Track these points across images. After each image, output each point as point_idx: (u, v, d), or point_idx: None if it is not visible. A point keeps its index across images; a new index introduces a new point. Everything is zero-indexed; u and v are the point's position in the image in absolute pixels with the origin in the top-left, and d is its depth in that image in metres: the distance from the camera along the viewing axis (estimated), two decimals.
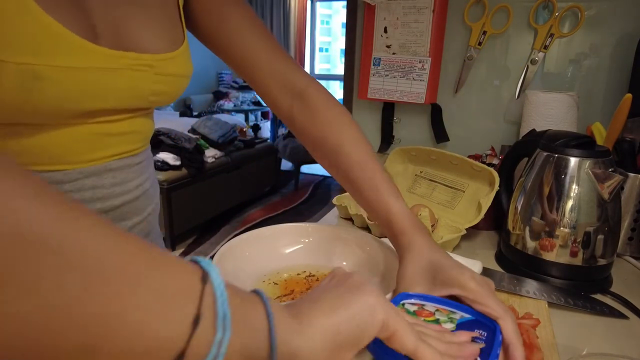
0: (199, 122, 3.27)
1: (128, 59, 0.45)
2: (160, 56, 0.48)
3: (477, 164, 0.85)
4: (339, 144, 0.56)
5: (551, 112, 0.92)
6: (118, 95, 0.46)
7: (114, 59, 0.44)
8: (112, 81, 0.44)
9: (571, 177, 0.63)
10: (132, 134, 0.52)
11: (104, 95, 0.44)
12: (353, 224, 0.88)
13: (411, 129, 1.21)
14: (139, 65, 0.46)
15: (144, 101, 0.50)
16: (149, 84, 0.48)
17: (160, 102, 0.52)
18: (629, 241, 0.76)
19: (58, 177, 0.45)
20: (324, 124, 0.57)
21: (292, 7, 5.18)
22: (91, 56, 0.41)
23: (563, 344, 0.51)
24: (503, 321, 0.41)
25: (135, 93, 0.48)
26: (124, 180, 0.51)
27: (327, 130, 0.57)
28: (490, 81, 1.09)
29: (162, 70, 0.49)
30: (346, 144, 0.56)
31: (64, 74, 0.39)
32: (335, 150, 0.56)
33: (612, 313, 0.58)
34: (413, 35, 1.07)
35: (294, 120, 0.59)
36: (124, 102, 0.47)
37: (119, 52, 0.44)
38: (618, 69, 0.97)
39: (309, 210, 3.75)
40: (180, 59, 0.52)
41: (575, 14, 0.97)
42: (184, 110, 4.85)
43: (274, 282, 0.56)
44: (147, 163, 0.57)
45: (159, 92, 0.50)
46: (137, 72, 0.46)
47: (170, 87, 0.52)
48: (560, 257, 0.65)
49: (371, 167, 0.54)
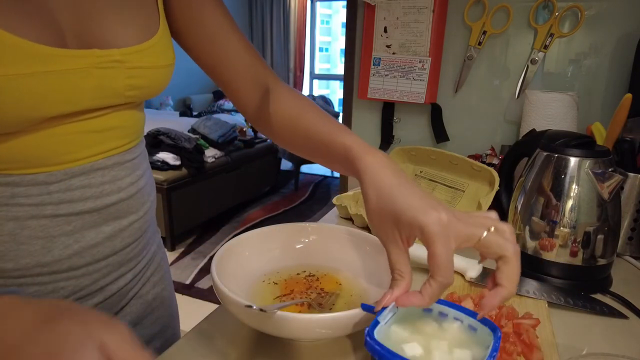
0: (198, 122, 3.27)
1: (93, 57, 0.43)
2: (131, 49, 0.47)
3: (477, 163, 0.85)
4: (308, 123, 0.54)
5: (551, 112, 0.93)
6: (88, 95, 0.44)
7: (77, 59, 0.42)
8: (80, 82, 0.43)
9: (571, 177, 0.63)
10: (117, 129, 0.50)
11: (73, 97, 0.43)
12: (353, 223, 0.88)
13: (411, 128, 1.21)
14: (107, 62, 0.45)
15: (120, 97, 0.48)
16: (122, 80, 0.47)
17: (141, 96, 0.51)
18: (628, 241, 0.76)
19: (41, 179, 0.44)
20: (291, 110, 0.57)
21: (292, 7, 5.18)
22: (51, 60, 0.40)
23: (563, 344, 0.51)
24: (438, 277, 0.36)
25: (107, 92, 0.46)
26: (114, 178, 0.50)
27: (294, 115, 0.57)
28: (490, 81, 1.09)
29: (135, 63, 0.47)
30: (314, 120, 0.54)
31: (21, 81, 0.38)
32: (305, 127, 0.55)
33: (612, 313, 0.58)
34: (413, 35, 1.07)
35: (262, 111, 0.60)
36: (96, 101, 0.46)
37: (82, 51, 0.43)
38: (618, 68, 0.97)
39: (309, 210, 3.75)
40: (154, 49, 0.50)
41: (575, 13, 0.97)
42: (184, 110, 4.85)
43: (273, 282, 0.56)
44: (140, 160, 0.56)
45: (135, 86, 0.49)
46: (105, 70, 0.45)
47: (148, 80, 0.50)
48: (560, 257, 0.65)
49: (332, 125, 0.52)
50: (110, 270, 0.53)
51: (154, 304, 0.63)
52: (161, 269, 0.66)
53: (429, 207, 0.37)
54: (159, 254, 0.66)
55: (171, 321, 0.69)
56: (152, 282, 0.63)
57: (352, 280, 0.57)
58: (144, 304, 0.61)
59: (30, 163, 0.43)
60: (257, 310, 0.40)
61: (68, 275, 0.48)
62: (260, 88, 0.61)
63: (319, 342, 0.51)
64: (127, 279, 0.56)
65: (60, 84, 0.41)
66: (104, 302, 0.54)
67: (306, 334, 0.45)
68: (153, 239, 0.63)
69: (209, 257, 2.81)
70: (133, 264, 0.57)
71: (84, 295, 0.51)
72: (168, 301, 0.67)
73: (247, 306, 0.41)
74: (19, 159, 0.43)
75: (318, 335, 0.47)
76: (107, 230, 0.50)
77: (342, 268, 0.59)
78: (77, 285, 0.50)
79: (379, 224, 0.41)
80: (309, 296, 0.53)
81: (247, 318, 0.44)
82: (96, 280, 0.51)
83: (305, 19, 5.21)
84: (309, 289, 0.55)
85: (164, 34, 0.52)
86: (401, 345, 0.38)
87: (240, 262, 0.55)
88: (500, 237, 0.38)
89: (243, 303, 0.41)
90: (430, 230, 0.36)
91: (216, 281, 0.46)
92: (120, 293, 0.56)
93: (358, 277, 0.57)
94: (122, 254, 0.53)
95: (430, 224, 0.36)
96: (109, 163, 0.50)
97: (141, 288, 0.61)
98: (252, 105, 0.61)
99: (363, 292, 0.55)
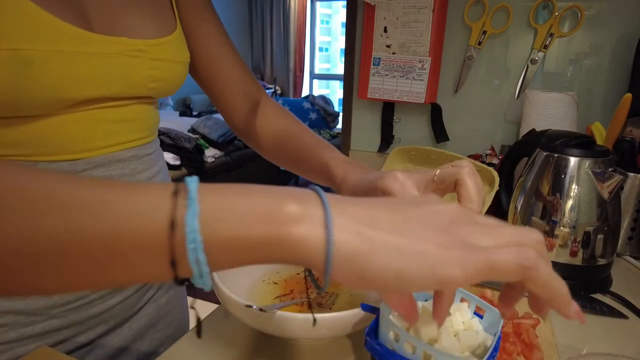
0: (198, 122, 3.27)
1: (121, 44, 0.46)
2: (153, 41, 0.49)
3: (477, 163, 0.84)
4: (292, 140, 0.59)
5: (551, 112, 0.93)
6: (115, 81, 0.46)
7: (106, 45, 0.44)
8: (107, 67, 0.45)
9: (571, 176, 0.63)
10: (135, 122, 0.52)
11: (99, 81, 0.45)
12: None
13: (411, 128, 1.21)
14: (133, 50, 0.47)
15: (143, 88, 0.50)
16: (145, 70, 0.49)
17: (160, 89, 0.52)
18: (628, 241, 0.76)
19: (65, 167, 0.45)
20: (277, 127, 0.61)
21: (292, 7, 5.18)
22: (82, 42, 0.42)
23: (563, 344, 0.51)
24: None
25: (132, 80, 0.48)
26: (133, 171, 0.52)
27: (280, 131, 0.60)
28: (490, 81, 1.09)
29: (157, 55, 0.50)
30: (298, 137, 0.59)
31: (55, 59, 0.40)
32: (289, 143, 0.59)
33: (612, 313, 0.58)
34: (413, 35, 1.07)
35: (250, 124, 0.63)
36: (121, 88, 0.47)
37: (111, 37, 0.45)
38: (618, 68, 0.97)
39: None
40: (174, 44, 0.53)
41: (575, 13, 0.97)
42: (184, 110, 4.84)
43: (273, 281, 0.56)
44: (156, 156, 0.58)
45: (157, 78, 0.51)
46: (131, 58, 0.47)
47: (168, 73, 0.52)
48: (560, 256, 0.65)
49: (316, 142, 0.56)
50: None
51: (167, 307, 0.64)
52: None
53: (386, 174, 0.41)
54: None
55: (183, 325, 0.69)
56: (166, 285, 0.64)
57: None
58: (157, 307, 0.62)
59: (54, 149, 0.44)
60: (257, 310, 0.40)
61: None
62: (249, 102, 0.63)
63: (319, 342, 0.51)
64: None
65: (91, 66, 0.43)
66: (122, 303, 0.54)
67: (306, 334, 0.45)
68: None
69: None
70: None
71: (103, 294, 0.52)
72: (181, 305, 0.68)
73: (247, 306, 0.41)
74: (43, 144, 0.44)
75: (318, 335, 0.47)
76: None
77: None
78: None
79: None
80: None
81: (247, 318, 0.44)
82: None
83: (305, 19, 5.21)
84: (309, 289, 0.55)
85: (180, 33, 0.56)
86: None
87: None
88: (453, 168, 0.39)
89: (243, 303, 0.41)
90: (390, 189, 0.39)
91: (216, 281, 0.46)
92: (138, 294, 0.57)
93: None
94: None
95: (388, 185, 0.40)
96: (128, 155, 0.51)
97: (157, 291, 0.61)
98: (241, 118, 0.64)
99: (363, 292, 0.55)
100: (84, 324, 0.51)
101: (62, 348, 0.50)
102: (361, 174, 0.46)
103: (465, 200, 0.38)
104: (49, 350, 0.39)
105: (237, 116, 0.64)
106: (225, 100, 0.64)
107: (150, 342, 0.61)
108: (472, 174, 0.38)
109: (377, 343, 0.35)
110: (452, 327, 0.37)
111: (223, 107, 0.65)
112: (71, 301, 0.49)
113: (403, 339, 0.33)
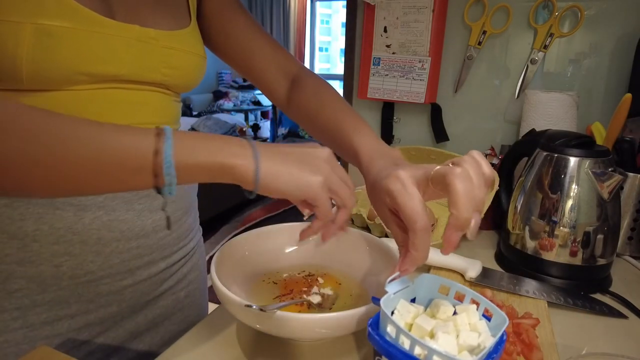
0: (198, 122, 3.28)
1: (134, 31, 0.49)
2: (164, 32, 0.53)
3: None
4: (325, 119, 0.59)
5: (551, 112, 0.93)
6: (128, 62, 0.49)
7: (122, 29, 0.48)
8: (123, 48, 0.48)
9: (571, 176, 0.63)
10: (153, 106, 0.54)
11: (114, 60, 0.47)
12: (353, 223, 0.88)
13: (411, 128, 1.21)
14: (144, 37, 0.50)
15: (157, 73, 0.52)
16: (157, 56, 0.52)
17: (175, 78, 0.55)
18: (628, 241, 0.76)
19: None
20: (311, 104, 0.62)
21: (292, 7, 5.18)
22: (99, 24, 0.46)
23: (562, 344, 0.51)
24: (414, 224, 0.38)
25: (145, 63, 0.51)
26: None
27: (313, 109, 0.62)
28: (490, 81, 1.09)
29: (167, 44, 0.53)
30: (331, 116, 0.59)
31: (72, 34, 0.43)
32: (322, 123, 0.60)
33: (612, 313, 0.58)
34: (413, 34, 1.07)
35: (291, 100, 0.65)
36: (135, 70, 0.50)
37: (125, 24, 0.48)
38: (618, 68, 0.97)
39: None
40: (184, 37, 0.56)
41: (575, 13, 0.97)
42: (184, 110, 4.85)
43: (273, 281, 0.56)
44: None
45: (170, 64, 0.53)
46: (143, 43, 0.50)
47: (181, 62, 0.55)
48: (560, 256, 0.65)
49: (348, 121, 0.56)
50: (141, 254, 0.55)
51: (185, 301, 0.65)
52: (197, 268, 0.68)
53: (391, 173, 0.42)
54: (198, 253, 0.69)
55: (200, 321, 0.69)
56: (188, 279, 0.65)
57: (351, 280, 0.57)
58: (175, 300, 0.63)
59: None
60: (257, 310, 0.40)
61: (97, 250, 0.51)
62: (287, 79, 0.66)
63: (319, 342, 0.51)
64: (159, 267, 0.58)
65: (105, 45, 0.47)
66: (134, 287, 0.56)
67: (306, 334, 0.45)
68: (191, 235, 0.66)
69: (208, 257, 2.81)
70: (167, 253, 0.59)
71: (113, 274, 0.53)
72: (199, 301, 0.69)
73: (247, 306, 0.41)
74: None
75: (318, 335, 0.47)
76: (138, 208, 0.53)
77: (341, 268, 0.59)
78: (106, 262, 0.52)
79: (379, 213, 0.46)
80: (308, 296, 0.53)
81: (247, 318, 0.44)
82: (124, 260, 0.53)
83: (305, 19, 5.21)
84: (309, 289, 0.55)
85: (194, 29, 0.59)
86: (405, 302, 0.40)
87: (240, 262, 0.55)
88: (446, 168, 0.38)
89: (243, 303, 0.41)
90: (391, 188, 0.40)
91: (216, 281, 0.46)
92: (151, 281, 0.58)
93: (357, 277, 0.57)
94: (153, 238, 0.56)
95: (390, 184, 0.41)
96: None
97: (176, 283, 0.63)
98: (282, 96, 0.66)
99: (363, 292, 0.55)
100: (93, 302, 0.53)
101: (73, 324, 0.52)
102: (378, 167, 0.47)
103: (450, 205, 0.36)
104: (48, 350, 0.39)
105: (277, 95, 0.66)
106: (265, 82, 0.66)
107: (164, 334, 0.63)
108: (463, 177, 0.36)
109: (379, 335, 0.36)
110: (455, 327, 0.37)
111: (264, 89, 0.67)
112: (79, 275, 0.51)
113: (400, 333, 0.35)
